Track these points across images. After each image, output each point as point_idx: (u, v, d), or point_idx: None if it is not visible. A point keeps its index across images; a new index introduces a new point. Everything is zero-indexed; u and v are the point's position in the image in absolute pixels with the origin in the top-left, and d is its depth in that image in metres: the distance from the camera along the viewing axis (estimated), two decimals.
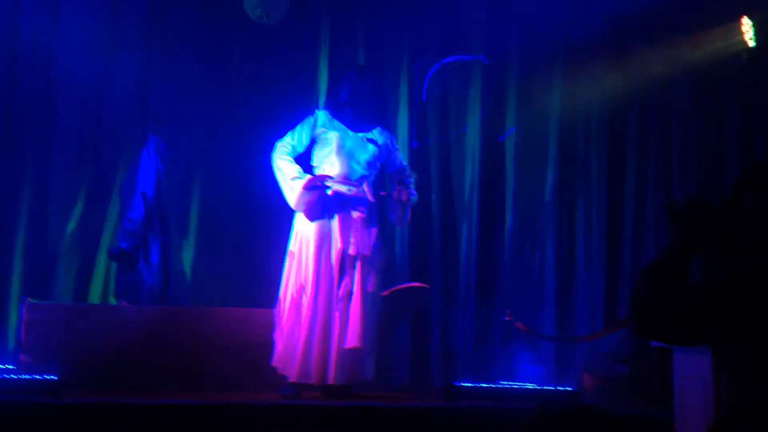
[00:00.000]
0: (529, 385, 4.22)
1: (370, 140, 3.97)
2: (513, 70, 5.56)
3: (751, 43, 4.71)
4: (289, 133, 3.95)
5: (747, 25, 4.71)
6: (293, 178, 3.81)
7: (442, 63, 5.16)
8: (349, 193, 3.86)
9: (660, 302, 1.42)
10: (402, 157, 4.25)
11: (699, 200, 1.56)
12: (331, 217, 3.83)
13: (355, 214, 3.84)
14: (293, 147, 3.92)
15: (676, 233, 1.55)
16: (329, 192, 3.81)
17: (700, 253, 1.54)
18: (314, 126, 3.95)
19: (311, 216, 3.81)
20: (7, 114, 4.86)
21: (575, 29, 5.48)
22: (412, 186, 3.97)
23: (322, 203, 3.83)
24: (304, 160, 4.03)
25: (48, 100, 4.96)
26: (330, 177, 3.81)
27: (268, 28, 5.13)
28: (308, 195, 3.78)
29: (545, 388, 4.16)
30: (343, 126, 3.96)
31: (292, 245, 3.86)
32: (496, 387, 4.04)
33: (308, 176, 3.82)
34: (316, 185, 3.77)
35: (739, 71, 5.08)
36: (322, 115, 4.00)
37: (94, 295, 4.84)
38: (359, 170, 3.93)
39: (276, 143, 3.94)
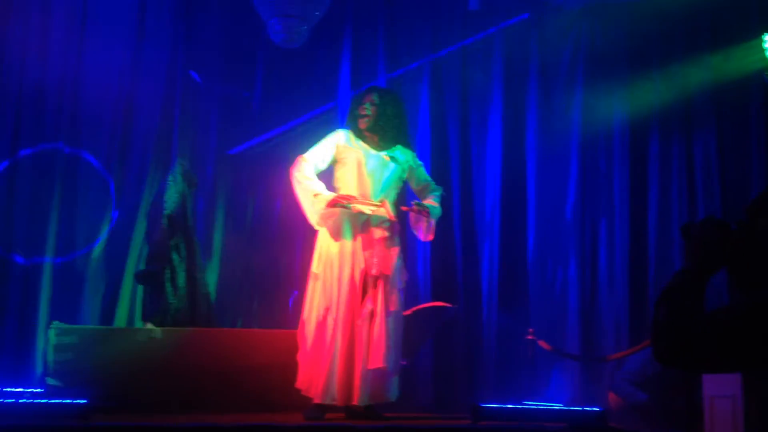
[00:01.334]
0: (556, 406, 4.18)
1: (392, 159, 3.99)
2: (533, 87, 5.57)
3: None
4: (311, 149, 3.97)
5: (767, 42, 4.69)
6: (316, 195, 3.82)
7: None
8: (370, 213, 3.88)
9: (681, 329, 1.41)
10: (425, 172, 4.25)
11: (715, 222, 1.55)
12: (353, 237, 3.85)
13: (377, 234, 3.85)
14: (315, 164, 3.93)
15: (692, 255, 1.54)
16: (351, 208, 3.81)
17: (715, 277, 1.52)
18: (336, 144, 3.98)
19: (335, 233, 3.83)
20: (35, 137, 4.95)
21: (596, 45, 5.49)
22: (437, 199, 3.97)
23: (345, 222, 3.84)
24: (325, 178, 4.04)
25: (75, 124, 5.06)
26: (353, 197, 3.82)
27: (290, 51, 5.20)
28: (331, 212, 3.79)
29: (572, 408, 4.12)
30: (364, 146, 3.98)
31: (316, 267, 3.88)
32: (522, 407, 4.01)
33: (332, 194, 3.83)
34: (340, 203, 3.78)
35: (760, 88, 5.06)
36: (344, 133, 4.02)
37: (121, 318, 4.89)
38: (381, 190, 3.94)
39: (298, 159, 3.94)
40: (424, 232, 3.97)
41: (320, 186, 3.85)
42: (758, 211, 1.52)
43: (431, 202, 3.99)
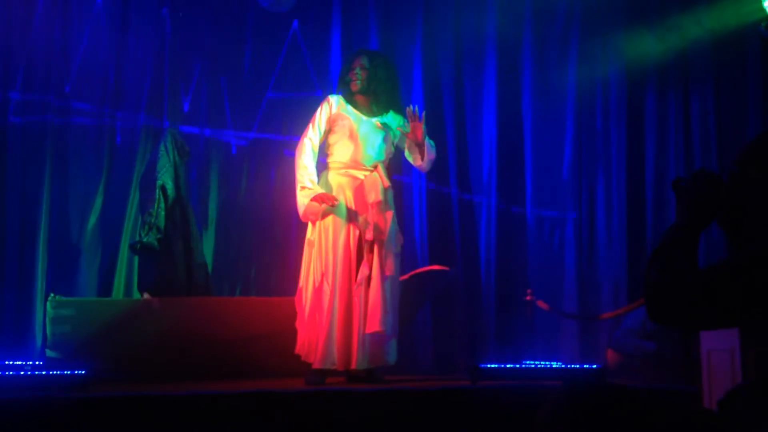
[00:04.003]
0: (554, 364, 4.21)
1: (384, 125, 3.96)
2: (527, 44, 5.50)
3: None
4: (309, 125, 3.93)
5: None
6: (303, 187, 3.80)
7: None
8: (364, 179, 3.86)
9: (675, 288, 1.38)
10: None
11: (706, 174, 1.52)
12: (347, 203, 3.83)
13: (371, 199, 3.83)
14: (314, 142, 3.90)
15: (682, 209, 1.51)
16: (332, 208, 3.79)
17: (706, 231, 1.49)
18: (329, 112, 3.95)
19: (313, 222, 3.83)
20: (24, 110, 4.89)
21: (590, 1, 5.41)
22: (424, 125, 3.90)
23: (337, 191, 3.83)
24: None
25: (64, 96, 5.00)
26: (336, 198, 3.79)
27: (280, 15, 5.12)
28: (314, 208, 3.78)
29: (570, 366, 4.15)
30: (356, 111, 3.95)
31: (311, 233, 3.87)
32: (521, 367, 4.03)
33: (318, 191, 3.79)
34: (323, 201, 3.76)
35: (757, 40, 5.00)
36: (335, 99, 3.99)
37: (118, 290, 4.89)
38: (373, 155, 3.92)
39: (301, 141, 3.92)
40: (421, 156, 3.91)
41: (310, 178, 3.81)
42: (748, 162, 1.49)
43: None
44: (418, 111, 3.85)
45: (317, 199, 3.76)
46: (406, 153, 4.03)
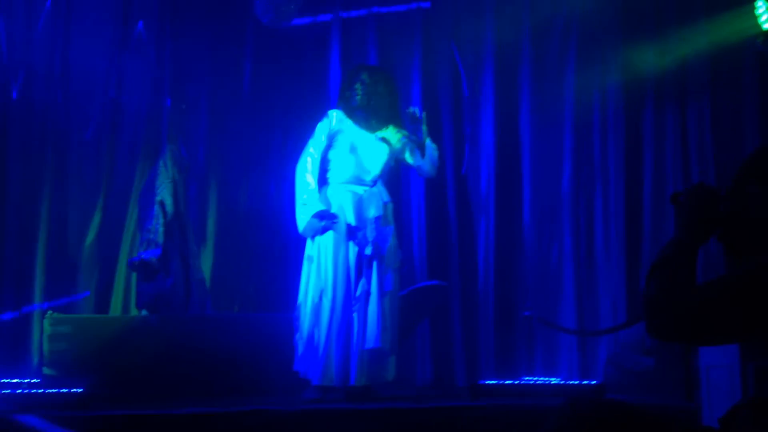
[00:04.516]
0: (553, 380, 4.19)
1: (384, 140, 3.97)
2: (525, 58, 5.52)
3: (766, 26, 4.64)
4: (309, 142, 3.94)
5: (761, 8, 4.64)
6: (304, 204, 3.81)
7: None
8: (364, 194, 3.87)
9: (673, 303, 1.38)
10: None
11: (705, 188, 1.51)
12: (347, 218, 3.83)
13: (371, 214, 3.83)
14: (315, 158, 3.91)
15: (681, 224, 1.50)
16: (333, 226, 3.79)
17: (705, 247, 1.49)
18: (329, 127, 3.96)
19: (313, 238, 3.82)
20: (24, 128, 4.90)
21: (588, 15, 5.44)
22: (424, 125, 3.89)
23: (337, 208, 3.83)
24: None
25: (65, 113, 5.01)
26: (336, 216, 3.79)
27: (278, 31, 5.14)
28: (314, 224, 3.78)
29: (570, 382, 4.13)
30: (356, 126, 3.96)
31: (310, 249, 3.87)
32: (521, 384, 4.02)
33: (319, 207, 3.80)
34: (323, 218, 3.76)
35: (754, 55, 5.02)
36: (335, 114, 4.00)
37: (116, 307, 4.87)
38: (373, 170, 3.93)
39: (301, 157, 3.92)
40: (426, 162, 3.88)
41: (311, 194, 3.81)
42: (746, 177, 1.48)
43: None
44: (418, 112, 3.86)
45: (318, 216, 3.76)
46: (407, 156, 3.98)
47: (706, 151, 5.20)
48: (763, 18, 4.62)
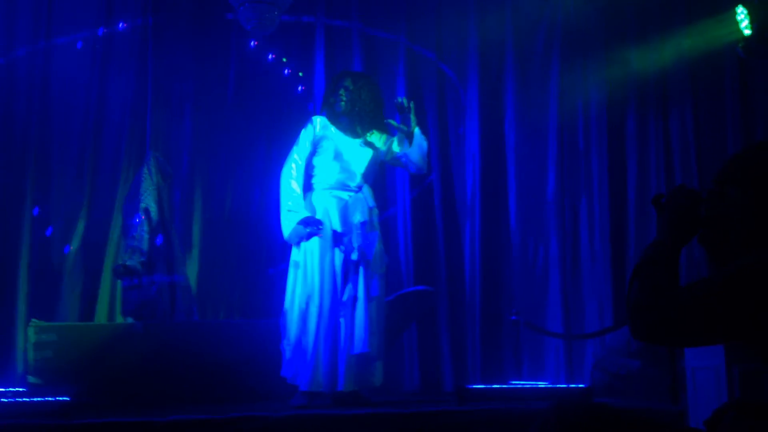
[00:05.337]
0: (541, 384, 4.20)
1: (368, 144, 3.97)
2: (509, 64, 5.55)
3: (747, 32, 4.70)
4: (294, 149, 3.93)
5: (742, 14, 4.70)
6: (289, 210, 3.80)
7: None
8: (349, 200, 3.87)
9: (655, 304, 1.38)
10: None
11: (686, 190, 1.52)
12: (332, 224, 3.83)
13: (356, 219, 3.83)
14: (300, 164, 3.90)
15: (663, 225, 1.51)
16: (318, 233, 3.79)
17: (688, 249, 1.50)
18: (313, 133, 3.95)
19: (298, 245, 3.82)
20: (5, 136, 4.88)
21: (571, 22, 5.48)
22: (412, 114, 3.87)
23: (323, 213, 3.83)
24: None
25: (46, 121, 4.99)
26: (321, 222, 3.79)
27: (262, 38, 5.14)
28: (300, 231, 3.78)
29: (557, 386, 4.15)
30: (339, 133, 3.96)
31: (296, 255, 3.86)
32: (508, 387, 4.02)
33: (304, 214, 3.79)
34: (308, 224, 3.76)
35: (735, 60, 5.08)
36: (319, 120, 3.99)
37: (101, 314, 4.84)
38: (357, 176, 3.93)
39: (285, 163, 3.91)
40: (410, 142, 3.84)
41: (296, 201, 3.81)
42: (726, 179, 1.50)
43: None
44: (406, 101, 3.87)
45: (303, 223, 3.76)
46: (395, 146, 3.94)
47: (690, 156, 5.25)
48: (744, 24, 4.67)
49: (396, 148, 3.95)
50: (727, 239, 1.48)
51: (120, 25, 5.18)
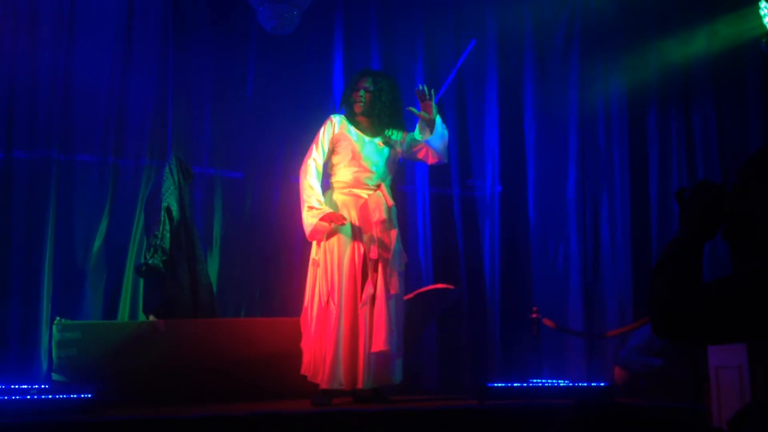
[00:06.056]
0: (561, 382, 4.18)
1: (387, 143, 3.97)
2: (528, 60, 5.53)
3: None
4: (312, 147, 3.94)
5: (765, 9, 4.64)
6: (311, 207, 3.81)
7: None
8: (367, 198, 3.87)
9: (678, 301, 1.36)
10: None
11: (709, 184, 1.50)
12: (352, 222, 3.84)
13: (375, 218, 3.84)
14: (319, 161, 3.92)
15: (685, 220, 1.49)
16: (343, 225, 3.79)
17: (709, 244, 1.47)
18: (332, 132, 3.96)
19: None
20: (29, 136, 4.93)
21: (591, 18, 5.44)
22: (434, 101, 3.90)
23: (342, 210, 3.84)
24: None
25: (69, 121, 5.03)
26: (344, 218, 3.80)
27: (282, 38, 5.16)
28: (322, 227, 3.78)
29: (578, 384, 4.12)
30: (358, 132, 3.96)
31: (315, 253, 3.87)
32: (528, 386, 4.01)
33: (326, 210, 3.80)
34: (332, 219, 3.77)
35: (758, 56, 5.02)
36: (338, 119, 4.00)
37: (123, 312, 4.88)
38: (376, 175, 3.93)
39: (305, 162, 3.93)
40: (431, 130, 3.88)
41: (317, 198, 3.82)
42: (751, 174, 1.48)
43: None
44: (427, 89, 3.87)
45: (326, 218, 3.76)
46: (416, 134, 3.96)
47: (712, 151, 5.20)
48: (767, 19, 4.61)
49: (418, 136, 3.96)
50: (751, 234, 1.46)
51: (141, 26, 5.22)
